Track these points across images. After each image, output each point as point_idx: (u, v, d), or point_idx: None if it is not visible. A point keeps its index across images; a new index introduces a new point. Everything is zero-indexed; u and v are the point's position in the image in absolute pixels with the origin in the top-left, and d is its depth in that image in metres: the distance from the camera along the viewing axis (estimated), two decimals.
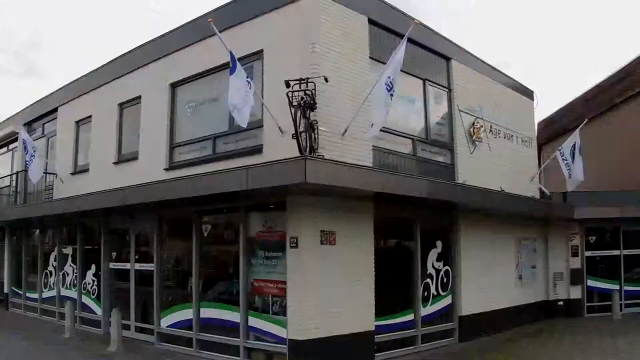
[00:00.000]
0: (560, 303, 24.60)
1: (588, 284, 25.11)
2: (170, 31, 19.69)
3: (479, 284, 19.70)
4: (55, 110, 26.57)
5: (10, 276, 29.31)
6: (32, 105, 29.08)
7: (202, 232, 17.52)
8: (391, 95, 14.05)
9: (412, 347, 17.25)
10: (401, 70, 14.81)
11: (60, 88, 26.41)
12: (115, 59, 22.54)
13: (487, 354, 17.07)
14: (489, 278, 20.35)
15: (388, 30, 17.31)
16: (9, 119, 31.25)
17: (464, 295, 19.17)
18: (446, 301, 18.89)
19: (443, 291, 18.76)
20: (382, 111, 14.20)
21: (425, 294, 18.06)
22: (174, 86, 19.25)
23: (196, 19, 18.32)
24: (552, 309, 24.32)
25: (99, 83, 23.25)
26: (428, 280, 18.24)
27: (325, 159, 13.49)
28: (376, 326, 15.92)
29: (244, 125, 14.34)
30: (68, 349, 18.37)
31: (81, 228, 23.25)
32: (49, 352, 17.91)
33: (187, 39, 18.71)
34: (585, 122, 24.27)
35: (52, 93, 27.16)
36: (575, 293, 24.81)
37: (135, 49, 21.43)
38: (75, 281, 23.23)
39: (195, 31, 18.14)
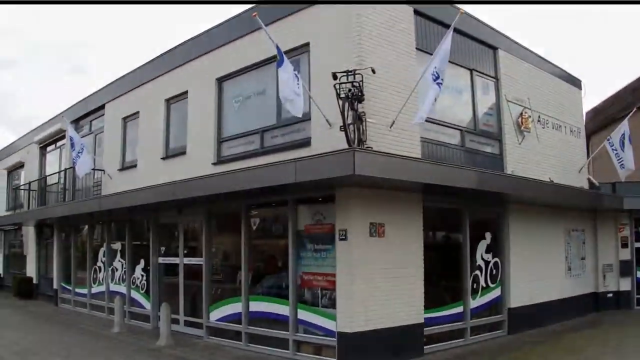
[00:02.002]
0: (610, 295, 24.26)
1: (638, 276, 24.71)
2: (216, 26, 19.76)
3: (528, 275, 19.50)
4: (102, 107, 26.80)
5: (59, 272, 29.68)
6: (79, 102, 29.37)
7: (250, 225, 17.57)
8: (439, 84, 13.95)
9: (461, 340, 17.13)
10: (448, 61, 14.69)
11: (107, 85, 26.63)
12: (161, 54, 22.69)
13: (536, 347, 16.85)
14: (538, 270, 20.14)
15: (434, 20, 17.24)
16: (56, 116, 31.59)
17: (513, 287, 18.97)
18: (495, 293, 18.71)
19: (492, 283, 18.60)
20: (428, 100, 14.09)
21: (474, 286, 17.91)
22: (220, 81, 19.31)
23: (241, 13, 18.36)
24: (601, 301, 24.00)
25: (145, 79, 23.43)
26: (477, 272, 18.09)
27: (374, 151, 13.44)
28: (425, 319, 15.83)
29: (300, 115, 14.29)
30: (118, 343, 18.53)
31: (130, 223, 23.45)
32: (99, 346, 18.06)
33: (232, 33, 18.76)
34: (634, 110, 23.93)
35: (98, 90, 27.40)
36: (625, 285, 24.46)
37: (181, 44, 21.55)
38: (124, 276, 23.47)
39: (240, 25, 18.19)
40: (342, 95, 13.68)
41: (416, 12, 16.65)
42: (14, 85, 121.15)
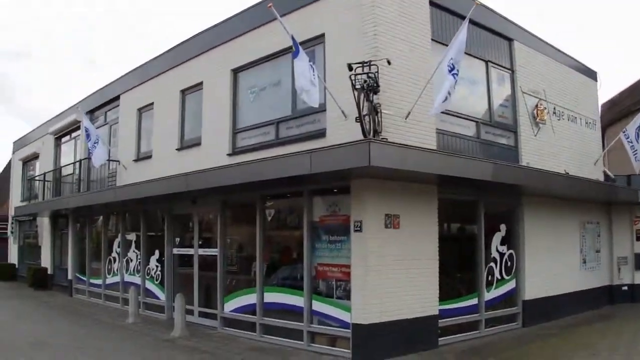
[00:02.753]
0: (625, 288, 24.15)
1: None
2: (231, 17, 19.73)
3: (543, 268, 19.45)
4: (117, 98, 26.88)
5: (74, 263, 29.90)
6: (94, 93, 29.52)
7: (265, 216, 17.57)
8: (454, 75, 13.91)
9: (475, 332, 17.10)
10: (464, 52, 14.61)
11: (122, 76, 26.72)
12: (176, 45, 22.73)
13: (551, 340, 16.79)
14: (552, 262, 20.09)
15: (449, 11, 17.18)
16: (71, 107, 31.70)
17: (527, 279, 18.93)
18: (510, 285, 18.68)
19: (507, 275, 18.56)
20: (444, 91, 14.06)
21: (489, 278, 17.87)
22: (235, 72, 19.31)
23: (257, 4, 18.29)
24: (616, 294, 23.91)
25: (160, 70, 23.47)
26: (492, 264, 18.06)
27: (389, 142, 13.35)
28: (440, 310, 15.80)
29: (316, 105, 14.33)
30: (132, 334, 18.63)
31: (144, 214, 23.55)
32: (113, 337, 18.16)
33: (248, 24, 18.74)
34: None
35: (113, 81, 27.50)
36: None
37: (196, 35, 21.57)
38: (138, 267, 23.58)
39: (256, 16, 18.15)
40: (358, 87, 13.60)
41: (431, 2, 16.57)
42: (27, 76, 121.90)
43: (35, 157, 38.22)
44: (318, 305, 15.55)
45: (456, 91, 14.64)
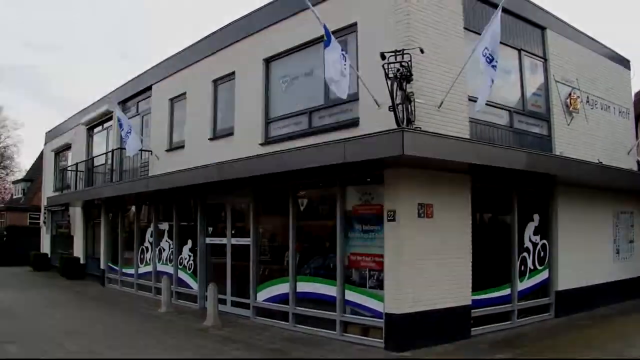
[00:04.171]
0: None
1: None
2: (263, 6, 19.72)
3: (576, 258, 19.26)
4: (149, 88, 26.99)
5: (106, 253, 30.16)
6: (126, 84, 29.67)
7: (298, 206, 17.59)
8: (493, 66, 13.83)
9: (508, 322, 17.01)
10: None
11: (154, 66, 26.82)
12: (208, 35, 22.78)
13: (584, 331, 16.65)
14: (586, 252, 19.89)
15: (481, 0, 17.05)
16: (103, 98, 31.94)
17: (560, 269, 18.77)
18: (543, 276, 18.55)
19: (540, 265, 18.44)
20: (485, 84, 13.99)
21: (522, 268, 17.76)
22: (268, 61, 19.32)
23: None
24: None
25: (192, 60, 23.53)
26: (525, 254, 17.95)
27: (423, 131, 13.30)
28: (472, 300, 15.72)
29: (344, 97, 14.28)
30: (165, 323, 18.74)
31: (177, 204, 23.66)
32: (146, 326, 18.27)
33: (280, 13, 18.74)
34: None
35: (145, 71, 27.60)
36: None
37: (228, 25, 21.57)
38: (171, 256, 23.71)
39: (287, 6, 18.17)
40: (391, 75, 13.57)
41: None
42: (59, 68, 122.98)
43: (67, 147, 38.59)
44: (351, 295, 15.56)
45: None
